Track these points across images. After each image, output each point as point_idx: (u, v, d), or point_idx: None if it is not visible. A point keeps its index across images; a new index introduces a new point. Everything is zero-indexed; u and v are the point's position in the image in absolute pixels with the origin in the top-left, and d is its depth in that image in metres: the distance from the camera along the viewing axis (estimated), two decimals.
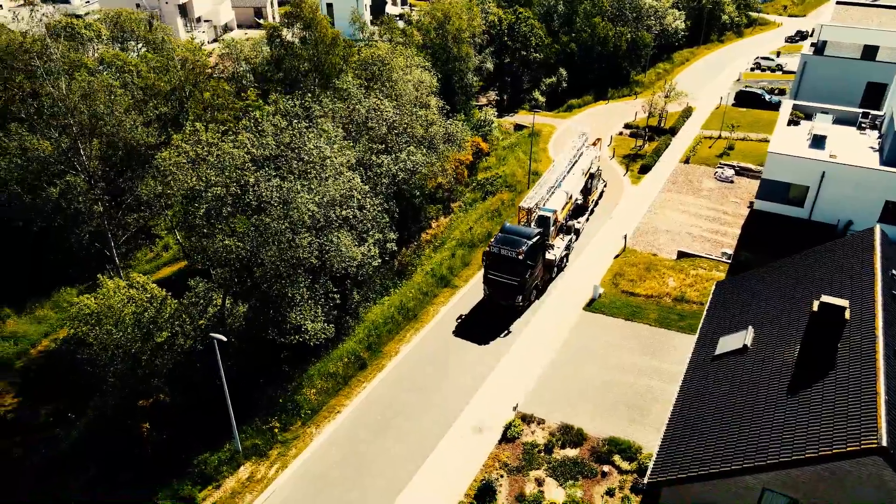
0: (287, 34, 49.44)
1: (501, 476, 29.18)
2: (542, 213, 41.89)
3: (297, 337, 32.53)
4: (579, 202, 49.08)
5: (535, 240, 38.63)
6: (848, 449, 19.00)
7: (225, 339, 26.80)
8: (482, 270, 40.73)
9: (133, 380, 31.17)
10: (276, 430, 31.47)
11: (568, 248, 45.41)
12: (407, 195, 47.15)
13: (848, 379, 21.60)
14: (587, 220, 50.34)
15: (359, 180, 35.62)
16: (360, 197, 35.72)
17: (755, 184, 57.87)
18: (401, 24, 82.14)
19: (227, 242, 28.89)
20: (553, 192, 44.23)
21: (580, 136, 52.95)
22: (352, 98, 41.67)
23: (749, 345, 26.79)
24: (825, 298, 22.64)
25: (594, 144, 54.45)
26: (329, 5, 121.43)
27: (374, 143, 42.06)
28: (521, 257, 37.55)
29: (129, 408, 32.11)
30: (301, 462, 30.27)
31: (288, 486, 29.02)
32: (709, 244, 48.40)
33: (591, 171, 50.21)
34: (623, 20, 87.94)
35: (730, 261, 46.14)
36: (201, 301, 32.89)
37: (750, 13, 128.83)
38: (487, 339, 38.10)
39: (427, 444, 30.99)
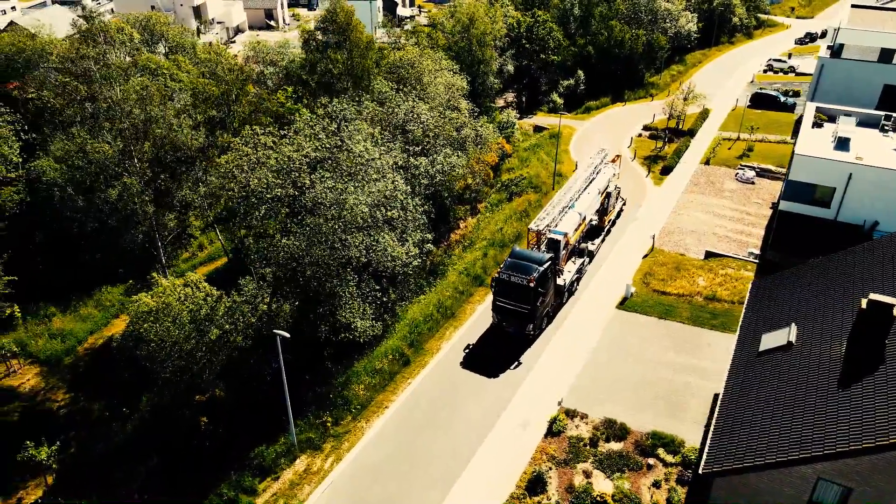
0: (322, 38, 50.37)
1: (550, 468, 30.16)
2: (552, 236, 40.01)
3: (346, 335, 33.45)
4: (594, 223, 46.79)
5: (546, 265, 36.92)
6: None
7: (288, 335, 27.74)
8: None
9: (189, 375, 32.11)
10: (329, 425, 32.43)
11: (580, 271, 43.87)
12: (438, 197, 48.09)
13: None
14: (602, 241, 48.42)
15: (401, 181, 36.58)
16: (402, 198, 36.67)
17: (776, 185, 58.94)
18: (408, 26, 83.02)
19: (285, 242, 29.83)
20: (565, 214, 42.26)
21: (599, 152, 50.81)
22: (389, 101, 42.64)
23: (793, 341, 27.73)
24: (873, 296, 23.62)
25: (613, 161, 51.81)
26: None
27: (410, 144, 43.02)
28: (531, 284, 35.86)
29: (185, 402, 33.04)
30: (354, 455, 31.24)
31: (344, 478, 29.99)
32: (734, 244, 49.35)
33: (609, 190, 48.29)
34: (638, 22, 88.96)
35: (757, 260, 47.22)
36: (251, 300, 33.83)
37: (759, 15, 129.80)
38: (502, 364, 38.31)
39: (475, 437, 31.97)
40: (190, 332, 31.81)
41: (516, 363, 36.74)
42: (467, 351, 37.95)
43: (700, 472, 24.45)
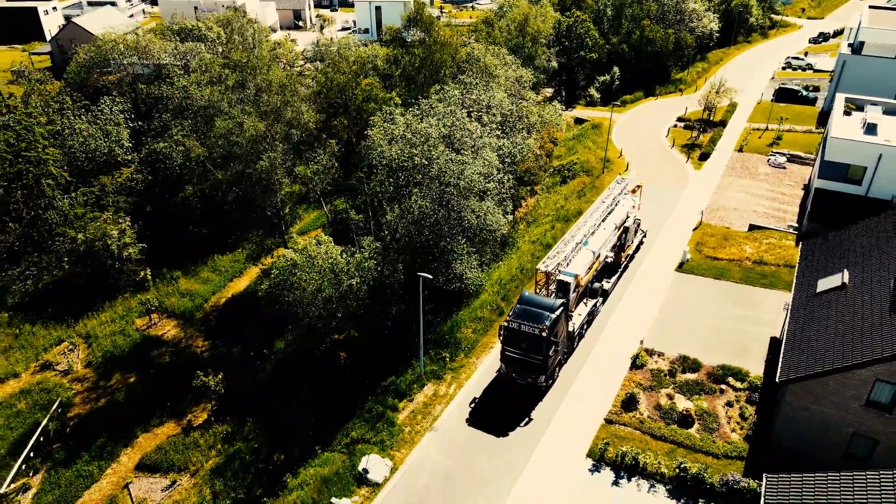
0: (407, 36, 56.31)
1: (639, 392, 36.04)
2: (561, 277, 36.91)
3: (458, 284, 39.38)
4: (609, 260, 44.02)
5: (558, 312, 34.35)
6: None
7: (430, 276, 33.64)
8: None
9: (328, 316, 38.00)
10: (447, 359, 38.31)
11: (592, 313, 41.02)
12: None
13: None
14: (618, 279, 45.24)
15: (496, 159, 42.50)
16: (497, 174, 42.55)
17: (805, 170, 64.87)
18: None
19: (420, 203, 35.77)
20: (578, 251, 39.38)
21: (618, 182, 47.43)
22: (475, 88, 48.47)
23: (846, 283, 33.63)
24: None
25: (634, 192, 48.23)
26: (378, 8, 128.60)
27: (492, 127, 48.89)
28: (543, 334, 33.42)
29: (325, 340, 38.92)
30: (472, 383, 37.14)
31: (465, 400, 35.86)
32: (773, 219, 55.23)
33: (626, 224, 44.78)
34: (666, 22, 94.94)
35: (796, 231, 53.13)
36: (375, 256, 39.72)
37: (772, 16, 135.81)
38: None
39: (570, 371, 37.86)
40: (329, 281, 37.67)
41: (527, 420, 34.46)
42: None
43: (777, 380, 30.33)
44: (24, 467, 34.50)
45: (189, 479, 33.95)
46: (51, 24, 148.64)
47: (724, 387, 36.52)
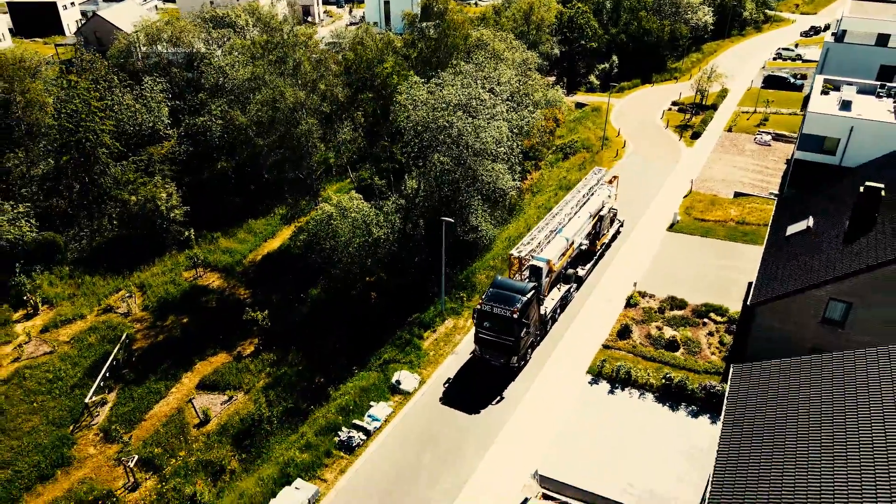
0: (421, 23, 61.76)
1: (632, 325, 41.39)
2: (534, 262, 38.21)
3: (473, 235, 44.72)
4: (584, 248, 45.09)
5: (529, 295, 35.80)
6: (887, 259, 31.11)
7: (452, 220, 38.97)
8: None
9: (360, 262, 43.38)
10: (464, 299, 43.66)
11: (564, 299, 42.36)
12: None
13: (885, 228, 33.76)
14: (593, 266, 46.68)
15: (506, 127, 47.84)
16: (507, 142, 47.87)
17: (789, 147, 70.19)
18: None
19: (443, 159, 41.12)
20: (552, 239, 40.72)
21: (595, 172, 48.97)
22: (486, 66, 53.69)
23: (811, 227, 38.98)
24: (868, 183, 34.81)
25: (610, 182, 49.98)
26: (387, 2, 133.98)
27: (503, 98, 54.14)
28: (515, 315, 34.73)
29: (358, 283, 44.27)
30: None
31: None
32: (757, 189, 60.60)
33: (602, 213, 46.34)
34: (662, 14, 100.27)
35: (776, 197, 58.46)
36: (401, 210, 45.10)
37: (766, 11, 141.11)
38: None
39: (573, 308, 43.21)
40: (361, 230, 43.04)
41: (498, 398, 35.78)
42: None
43: (748, 303, 35.66)
44: (101, 385, 39.89)
45: (243, 396, 39.33)
46: (69, 19, 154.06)
47: (706, 320, 41.89)
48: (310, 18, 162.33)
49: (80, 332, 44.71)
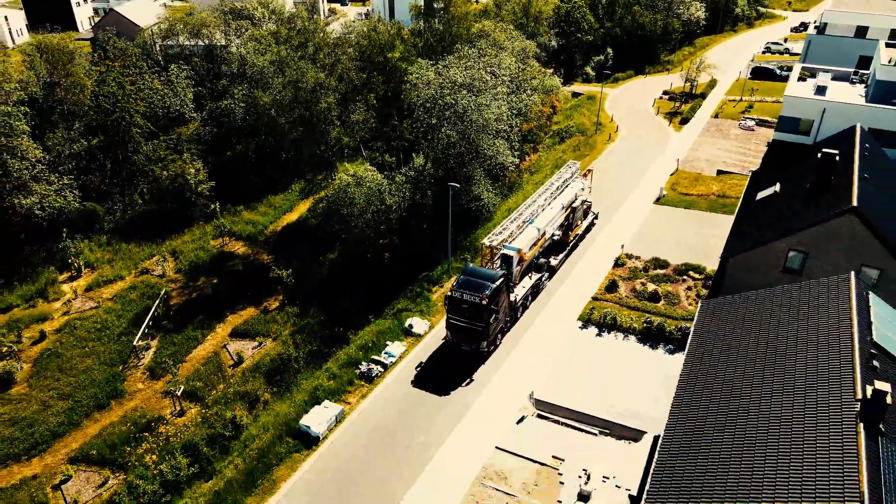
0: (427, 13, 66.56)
1: (619, 280, 46.14)
2: (505, 251, 39.62)
3: (476, 203, 49.45)
4: (556, 238, 46.76)
5: (498, 283, 36.81)
6: (836, 211, 35.85)
7: (458, 185, 43.70)
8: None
9: (375, 226, 48.11)
10: (468, 259, 48.38)
11: (536, 287, 43.51)
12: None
13: (837, 190, 38.51)
14: (566, 256, 48.00)
15: (506, 107, 52.56)
16: (507, 119, 52.58)
17: (771, 131, 74.84)
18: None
19: (450, 133, 45.85)
20: (524, 229, 42.11)
21: (569, 165, 50.17)
22: (486, 55, 58.38)
23: (778, 192, 43.73)
24: (824, 150, 39.58)
25: (585, 175, 51.82)
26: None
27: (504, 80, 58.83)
28: (484, 302, 35.68)
29: (373, 246, 49.01)
30: None
31: None
32: (738, 167, 65.35)
33: (574, 205, 47.63)
34: (656, 9, 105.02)
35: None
36: (411, 181, 49.81)
37: (759, 8, 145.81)
38: None
39: (567, 267, 47.95)
40: (376, 197, 47.78)
41: (468, 380, 37.01)
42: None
43: (721, 256, 40.39)
44: (145, 332, 44.69)
45: (271, 342, 44.09)
46: (82, 16, 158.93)
47: (685, 277, 46.68)
48: (315, 16, 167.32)
49: (121, 291, 49.47)
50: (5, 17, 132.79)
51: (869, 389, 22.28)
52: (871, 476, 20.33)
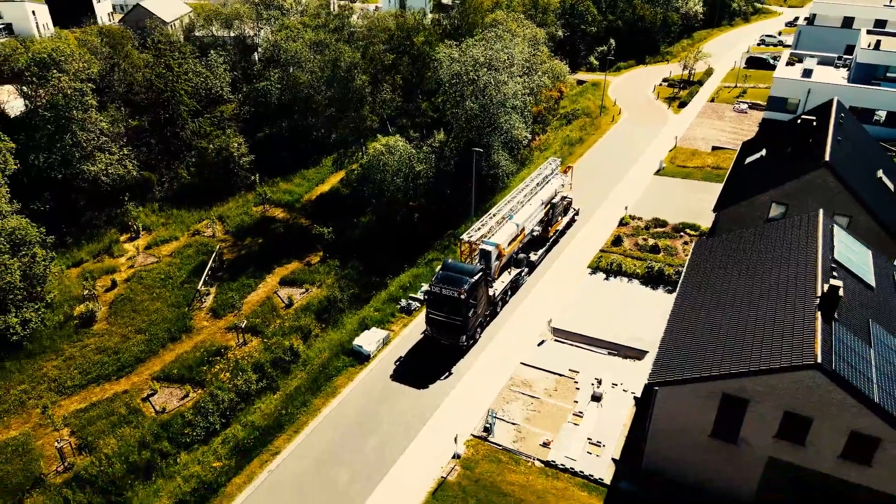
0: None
1: (624, 236, 51.98)
2: (483, 247, 40.24)
3: (495, 171, 55.28)
4: (536, 234, 47.62)
5: (476, 277, 37.40)
6: (812, 166, 41.60)
7: (482, 150, 49.48)
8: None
9: (405, 190, 53.93)
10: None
11: (515, 282, 44.27)
12: None
13: (813, 150, 44.27)
14: (546, 252, 48.92)
15: (521, 86, 58.40)
16: (521, 96, 58.39)
17: (763, 115, 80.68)
18: None
19: (473, 106, 51.69)
20: (503, 224, 42.78)
21: (550, 162, 51.10)
22: (500, 41, 64.17)
23: (764, 156, 49.56)
24: (803, 116, 45.38)
25: (564, 172, 52.76)
26: None
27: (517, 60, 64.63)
28: (462, 297, 36.28)
29: (404, 207, 54.87)
30: None
31: None
32: (732, 144, 71.18)
33: (554, 201, 48.47)
34: (656, 3, 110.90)
35: None
36: (436, 149, 55.62)
37: (755, 3, 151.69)
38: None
39: (578, 226, 53.80)
40: (405, 164, 53.58)
41: (447, 373, 37.70)
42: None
43: (712, 210, 46.18)
44: (206, 280, 50.53)
45: (317, 289, 49.90)
46: (102, 11, 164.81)
47: (682, 234, 52.55)
48: (342, 2, 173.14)
49: (177, 249, 55.29)
50: (33, 12, 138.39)
51: (826, 286, 28.13)
52: (824, 347, 26.13)
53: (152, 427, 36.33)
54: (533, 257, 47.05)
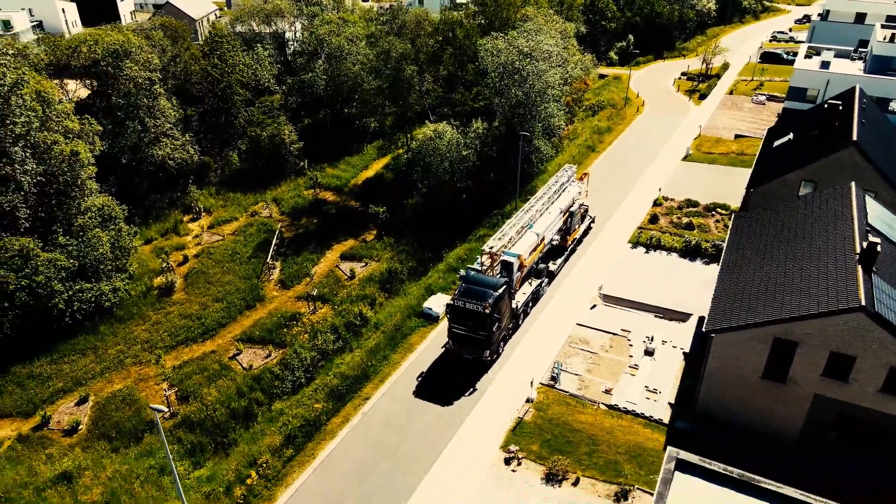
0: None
1: (659, 215, 55.68)
2: (505, 258, 39.24)
3: (536, 154, 59.00)
4: (555, 243, 46.58)
5: (501, 290, 36.52)
6: (840, 145, 45.24)
7: (528, 134, 53.14)
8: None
9: (452, 173, 57.62)
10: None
11: (536, 293, 43.36)
12: None
13: (840, 131, 47.92)
14: (565, 261, 48.08)
15: (559, 75, 62.10)
16: (559, 86, 62.05)
17: (780, 105, 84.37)
18: None
19: (518, 93, 55.43)
20: (523, 234, 41.92)
21: (566, 170, 50.04)
22: (542, 31, 67.84)
23: (791, 139, 53.26)
24: (830, 101, 49.07)
25: (581, 179, 51.65)
26: None
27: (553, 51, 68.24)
28: (487, 311, 35.34)
29: (450, 188, 58.55)
30: None
31: None
32: (753, 133, 74.88)
33: (572, 209, 47.73)
34: (672, 0, 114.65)
35: None
36: (481, 135, 59.32)
37: (765, 1, 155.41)
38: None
39: (615, 205, 57.48)
40: (453, 148, 57.27)
41: (471, 390, 36.83)
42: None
43: (745, 188, 49.85)
44: (272, 254, 54.25)
45: (375, 263, 53.59)
46: (125, 10, 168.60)
47: (714, 213, 56.26)
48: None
49: (239, 227, 59.02)
50: (63, 10, 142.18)
51: (865, 243, 31.82)
52: (866, 293, 29.81)
53: (246, 380, 40.00)
54: (552, 267, 46.10)
